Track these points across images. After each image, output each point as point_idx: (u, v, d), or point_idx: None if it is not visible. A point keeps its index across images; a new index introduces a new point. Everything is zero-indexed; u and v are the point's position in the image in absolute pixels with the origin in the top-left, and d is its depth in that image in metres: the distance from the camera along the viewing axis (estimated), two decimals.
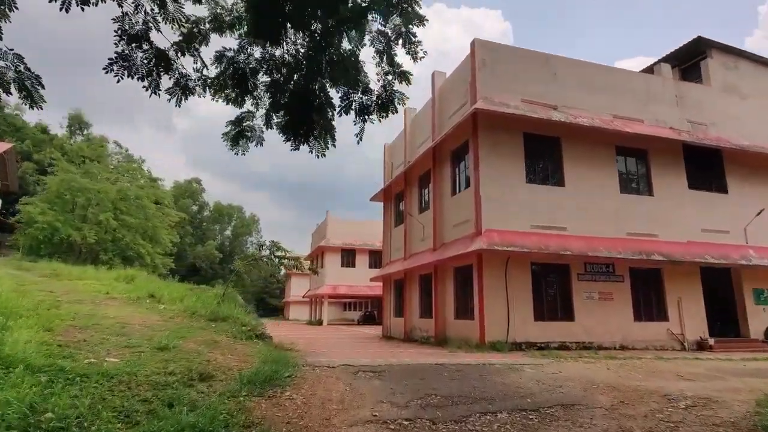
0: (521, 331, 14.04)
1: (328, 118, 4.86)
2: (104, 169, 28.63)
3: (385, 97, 4.70)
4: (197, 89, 4.81)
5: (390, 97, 4.70)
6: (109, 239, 26.36)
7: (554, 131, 15.80)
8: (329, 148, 5.12)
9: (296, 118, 4.71)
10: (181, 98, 4.66)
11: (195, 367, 6.95)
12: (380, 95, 4.71)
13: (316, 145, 5.21)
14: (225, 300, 14.81)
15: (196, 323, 11.80)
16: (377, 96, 4.71)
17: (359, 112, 4.66)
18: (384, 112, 4.73)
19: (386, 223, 25.11)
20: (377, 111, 4.71)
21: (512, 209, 14.77)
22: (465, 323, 15.30)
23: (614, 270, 15.56)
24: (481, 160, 14.86)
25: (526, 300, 14.37)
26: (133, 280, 17.47)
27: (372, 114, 4.71)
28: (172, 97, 4.62)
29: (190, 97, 4.79)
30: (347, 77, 4.44)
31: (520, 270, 14.52)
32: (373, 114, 4.71)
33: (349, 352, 12.23)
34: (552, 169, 15.92)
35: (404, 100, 4.82)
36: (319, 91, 4.63)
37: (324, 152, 5.32)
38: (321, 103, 4.73)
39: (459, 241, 15.71)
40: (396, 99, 4.75)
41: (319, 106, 4.72)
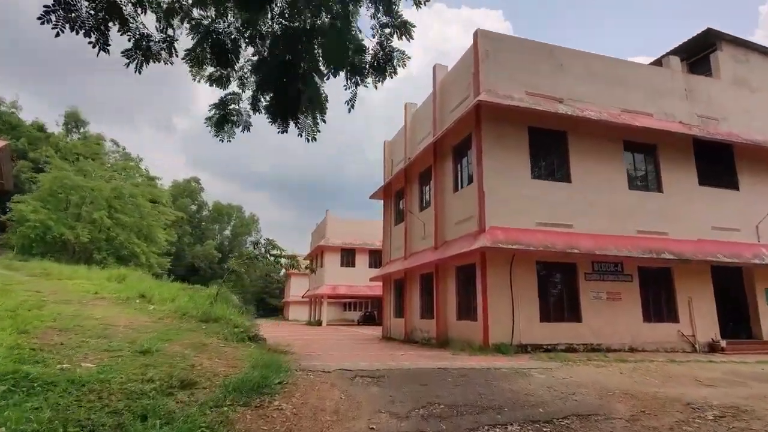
0: (527, 332, 13.46)
1: (315, 86, 4.26)
2: (99, 167, 28.06)
3: (381, 56, 4.08)
4: (162, 54, 4.22)
5: (388, 56, 4.08)
6: (103, 238, 25.79)
7: (560, 125, 15.23)
8: (319, 126, 4.53)
9: (279, 89, 4.12)
10: (142, 63, 4.07)
11: (177, 374, 6.38)
12: (376, 54, 4.11)
13: (306, 126, 4.64)
14: (218, 300, 14.25)
15: (185, 324, 11.25)
16: (372, 55, 4.11)
17: (351, 73, 4.05)
18: (380, 75, 4.12)
19: (386, 221, 24.55)
20: (373, 73, 4.10)
21: (517, 206, 14.20)
22: (468, 324, 14.73)
23: (623, 269, 14.98)
24: (485, 155, 14.28)
25: (532, 300, 13.79)
26: (124, 280, 16.92)
27: (366, 77, 4.09)
28: (131, 62, 4.04)
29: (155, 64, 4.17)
30: (338, 45, 3.81)
31: (526, 269, 13.95)
32: (367, 77, 4.10)
33: (347, 355, 11.67)
34: (558, 165, 15.34)
35: (404, 60, 4.19)
36: (305, 53, 4.02)
37: (314, 134, 4.75)
38: (306, 70, 4.14)
39: (461, 239, 15.14)
40: (395, 59, 4.13)
41: (304, 74, 4.12)
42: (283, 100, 4.29)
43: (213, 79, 5.57)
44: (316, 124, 4.72)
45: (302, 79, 4.12)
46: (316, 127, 4.74)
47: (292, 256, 15.07)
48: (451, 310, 16.09)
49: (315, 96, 4.29)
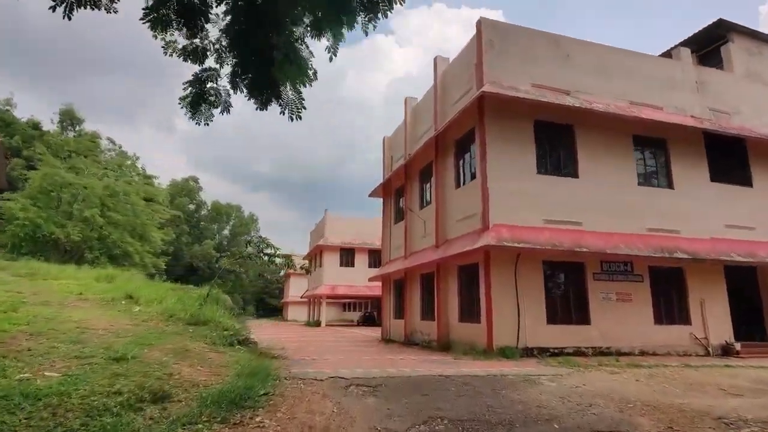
0: (533, 335, 12.80)
1: (291, 41, 3.57)
2: (91, 164, 27.39)
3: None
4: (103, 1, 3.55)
5: None
6: (95, 237, 25.11)
7: (567, 118, 14.56)
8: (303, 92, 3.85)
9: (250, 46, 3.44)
10: (72, 6, 3.35)
11: (150, 384, 5.72)
12: None
13: (288, 102, 3.98)
14: (209, 301, 13.59)
15: (171, 327, 10.59)
16: None
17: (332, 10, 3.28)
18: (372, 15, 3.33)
19: (385, 220, 23.88)
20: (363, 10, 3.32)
21: (522, 202, 13.53)
22: (470, 327, 14.07)
23: (633, 269, 14.32)
24: (489, 149, 13.62)
25: (538, 301, 13.13)
26: (113, 280, 16.28)
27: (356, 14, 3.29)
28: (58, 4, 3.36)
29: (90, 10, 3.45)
30: None
31: (532, 269, 13.29)
32: (357, 15, 3.31)
33: (343, 360, 10.99)
34: (565, 160, 14.68)
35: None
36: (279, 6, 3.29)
37: (299, 111, 4.09)
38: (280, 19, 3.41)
39: (464, 238, 14.48)
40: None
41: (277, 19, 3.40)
42: (258, 64, 3.61)
43: (187, 52, 4.90)
44: (301, 99, 4.07)
45: (273, 25, 3.41)
46: (300, 102, 4.09)
47: (287, 255, 14.41)
48: (453, 312, 15.43)
49: (293, 54, 3.59)
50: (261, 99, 4.48)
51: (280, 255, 14.32)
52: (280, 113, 4.47)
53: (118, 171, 29.75)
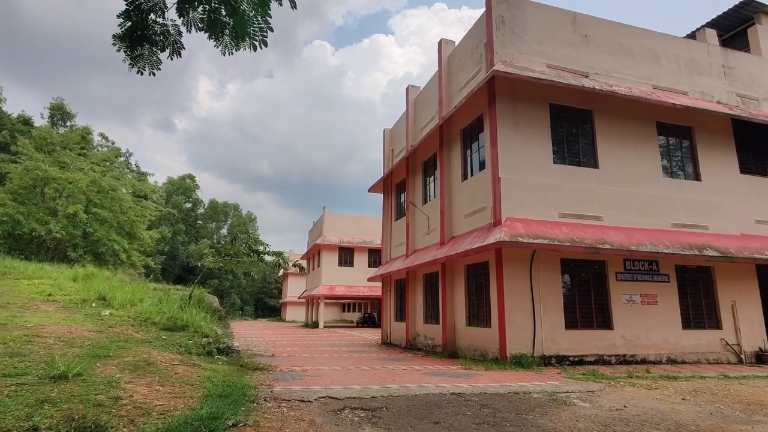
0: (550, 342, 11.50)
1: None
2: (77, 158, 26.05)
3: None
4: None
5: None
6: (78, 234, 23.79)
7: (586, 102, 13.28)
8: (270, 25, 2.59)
9: None
10: None
11: (83, 415, 4.43)
12: None
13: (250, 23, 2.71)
14: (191, 303, 12.30)
15: (141, 334, 9.30)
16: None
17: None
18: None
19: (386, 216, 22.58)
20: None
21: (538, 194, 12.24)
22: (480, 332, 12.78)
23: (658, 268, 13.02)
24: (500, 135, 12.32)
25: (556, 304, 11.83)
26: (90, 280, 14.98)
27: None
28: None
29: None
30: None
31: (548, 268, 11.99)
32: None
33: (338, 372, 9.67)
34: (583, 148, 13.38)
35: None
36: None
37: (264, 38, 2.83)
38: None
39: (472, 234, 13.18)
40: None
41: None
42: None
43: None
44: (267, 19, 2.81)
45: None
46: (266, 24, 2.83)
47: (279, 253, 13.12)
48: (460, 315, 14.14)
49: None
50: (214, 30, 3.18)
51: (271, 252, 13.03)
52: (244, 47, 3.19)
53: (106, 165, 28.34)
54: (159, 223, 60.00)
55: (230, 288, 76.02)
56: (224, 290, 74.77)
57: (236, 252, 12.61)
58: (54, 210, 24.27)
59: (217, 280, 73.40)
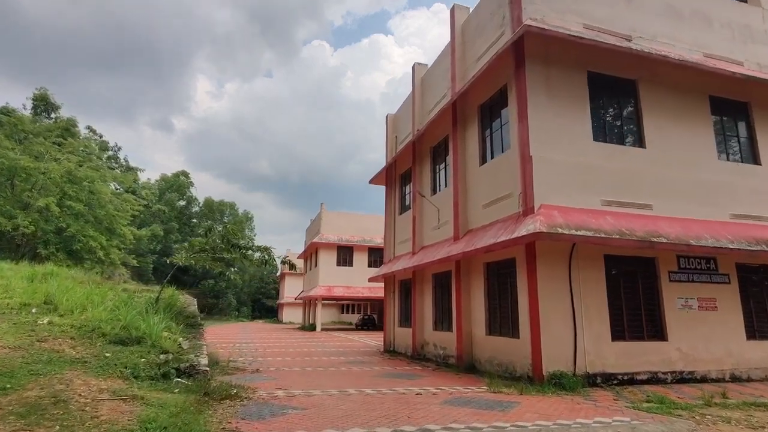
0: (594, 356, 9.41)
1: None
2: (51, 147, 23.85)
3: None
4: None
5: None
6: (50, 229, 21.64)
7: (630, 71, 11.21)
8: None
9: None
10: None
11: None
12: None
13: None
14: (157, 307, 10.18)
15: (80, 349, 7.17)
16: None
17: None
18: None
19: (389, 210, 20.47)
20: None
21: (576, 177, 10.16)
22: (504, 342, 10.69)
23: (717, 267, 10.95)
24: (532, 106, 10.23)
25: (600, 310, 9.74)
26: (48, 280, 12.84)
27: None
28: None
29: None
30: None
31: (591, 266, 9.90)
32: None
33: (334, 404, 7.51)
34: (627, 124, 11.32)
35: None
36: None
37: None
38: None
39: (495, 226, 11.10)
40: None
41: None
42: None
43: None
44: None
45: None
46: None
47: (264, 248, 11.00)
48: (479, 322, 12.05)
49: None
50: None
51: (255, 248, 10.93)
52: None
53: (83, 154, 26.10)
54: (150, 220, 57.85)
55: (226, 288, 73.86)
56: (220, 291, 72.54)
57: (213, 247, 10.48)
58: (26, 203, 22.12)
59: (212, 280, 71.18)
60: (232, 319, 67.64)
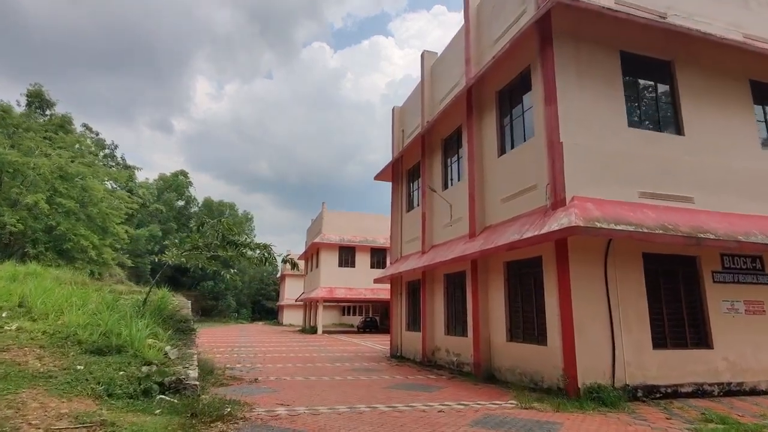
0: (635, 366, 8.37)
1: None
2: (42, 142, 22.81)
3: None
4: None
5: None
6: (39, 228, 20.62)
7: (666, 51, 10.21)
8: None
9: None
10: None
11: None
12: None
13: None
14: (144, 311, 9.15)
15: (48, 361, 6.14)
16: None
17: None
18: None
19: (395, 208, 19.45)
20: None
21: (610, 166, 9.15)
22: (529, 350, 9.65)
23: (763, 267, 9.92)
24: (561, 88, 9.22)
25: (639, 315, 8.72)
26: (29, 280, 11.83)
27: None
28: None
29: None
30: None
31: (629, 265, 8.88)
32: None
33: (344, 425, 6.49)
34: (663, 109, 10.31)
35: None
36: None
37: None
38: None
39: (518, 221, 10.08)
40: None
41: None
42: None
43: None
44: None
45: None
46: None
47: (264, 245, 9.98)
48: (498, 327, 11.01)
49: None
50: None
51: (254, 245, 9.90)
52: None
53: (75, 150, 25.04)
54: (148, 220, 56.84)
55: (226, 290, 72.77)
56: (219, 292, 71.45)
57: (206, 244, 9.45)
58: (14, 200, 21.10)
59: (211, 282, 70.09)
60: (231, 321, 66.56)
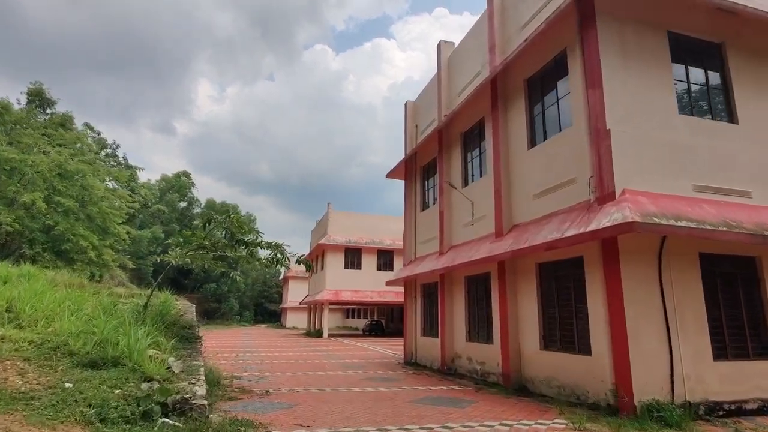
0: (695, 380, 7.45)
1: None
2: (40, 139, 22.00)
3: None
4: None
5: None
6: (36, 227, 19.78)
7: (715, 32, 9.33)
8: None
9: None
10: None
11: None
12: None
13: None
14: (145, 317, 8.27)
15: (32, 377, 5.29)
16: None
17: None
18: None
19: (408, 207, 18.56)
20: None
21: (661, 157, 8.25)
22: (570, 360, 8.74)
23: None
24: (606, 69, 8.34)
25: (698, 321, 7.80)
26: (21, 282, 10.96)
27: None
28: None
29: None
30: None
31: (683, 265, 7.97)
32: None
33: None
34: (714, 95, 9.41)
35: None
36: None
37: None
38: None
39: (554, 219, 9.18)
40: None
41: None
42: None
43: None
44: None
45: None
46: None
47: (277, 245, 9.09)
48: (530, 334, 10.10)
49: None
50: None
51: (265, 244, 9.02)
52: None
53: (75, 148, 24.20)
54: (150, 221, 56.07)
55: (228, 292, 71.93)
56: (222, 294, 70.60)
57: (213, 243, 8.57)
58: (11, 199, 20.29)
59: (214, 284, 69.22)
60: (234, 323, 65.69)
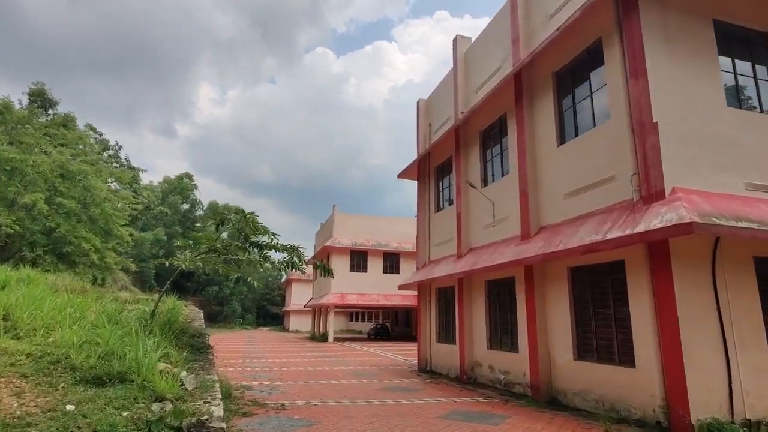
0: (754, 396, 6.81)
1: None
2: (42, 138, 21.45)
3: None
4: None
5: None
6: (37, 229, 19.20)
7: (761, 20, 8.72)
8: None
9: None
10: None
11: None
12: None
13: None
14: (152, 325, 7.65)
15: (24, 398, 4.66)
16: None
17: None
18: None
19: (421, 209, 17.94)
20: None
21: (711, 152, 7.63)
22: (610, 372, 8.10)
23: None
24: (651, 57, 7.73)
25: (756, 332, 7.16)
26: (20, 287, 10.36)
27: None
28: None
29: None
30: None
31: (738, 270, 7.33)
32: None
33: None
34: (763, 87, 8.79)
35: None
36: None
37: None
38: None
39: (590, 219, 8.56)
40: None
41: None
42: None
43: None
44: None
45: None
46: None
47: (293, 248, 8.48)
48: (561, 342, 9.45)
49: None
50: None
51: (280, 246, 8.40)
52: None
53: (77, 148, 23.63)
54: (153, 224, 55.52)
55: (231, 295, 71.34)
56: (224, 297, 70.01)
57: (226, 246, 7.95)
58: (12, 200, 19.72)
59: (216, 287, 68.62)
60: (236, 326, 65.07)
